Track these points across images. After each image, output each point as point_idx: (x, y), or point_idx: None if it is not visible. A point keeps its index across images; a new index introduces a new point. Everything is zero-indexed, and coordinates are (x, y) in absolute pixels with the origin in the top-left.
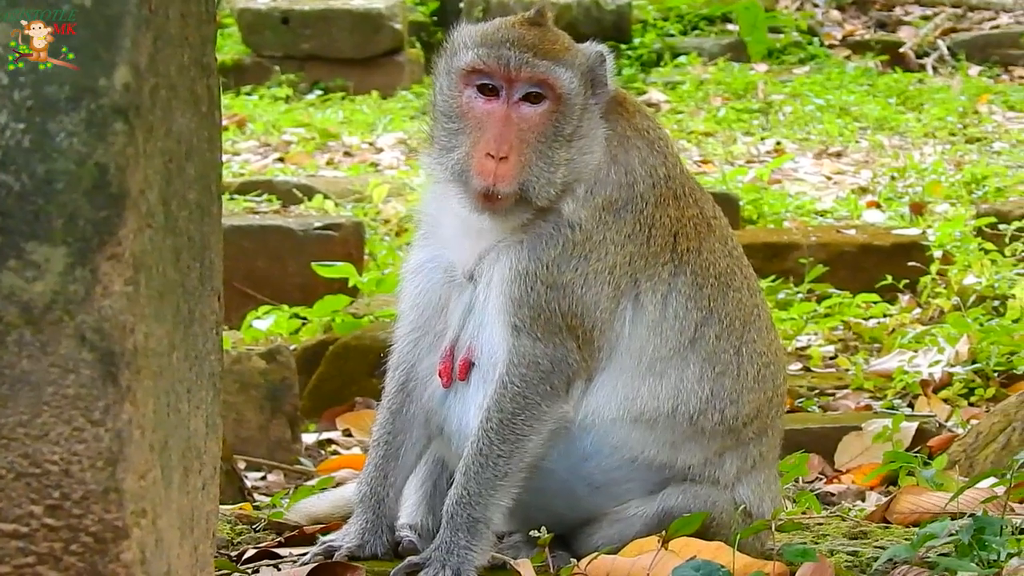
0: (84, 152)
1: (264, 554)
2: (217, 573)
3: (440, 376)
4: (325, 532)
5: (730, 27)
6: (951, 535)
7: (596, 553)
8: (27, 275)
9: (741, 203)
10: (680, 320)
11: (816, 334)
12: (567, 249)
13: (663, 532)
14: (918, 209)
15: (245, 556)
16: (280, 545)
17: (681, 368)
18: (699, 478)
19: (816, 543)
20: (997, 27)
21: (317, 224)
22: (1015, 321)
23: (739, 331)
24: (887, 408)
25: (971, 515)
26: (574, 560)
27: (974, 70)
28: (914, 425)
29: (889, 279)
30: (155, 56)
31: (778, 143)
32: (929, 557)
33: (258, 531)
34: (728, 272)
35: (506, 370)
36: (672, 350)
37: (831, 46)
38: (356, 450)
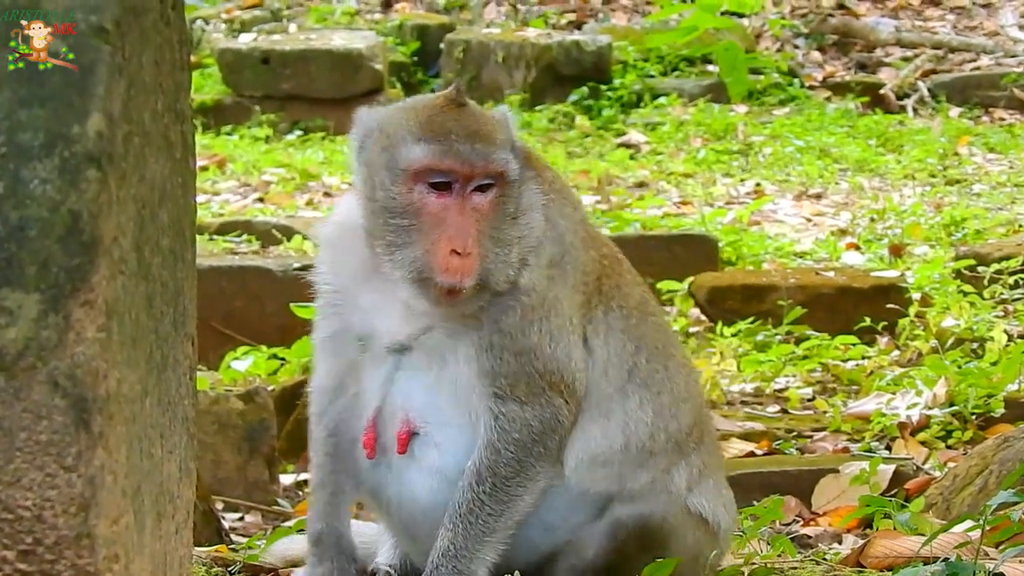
0: (57, 199)
1: None
2: None
3: (364, 447)
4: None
5: (710, 68)
6: None
7: None
8: (0, 321)
9: (720, 245)
10: (619, 356)
11: (794, 376)
12: (527, 315)
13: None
14: (897, 251)
15: None
16: None
17: (623, 402)
18: (649, 494)
19: None
20: (977, 69)
21: (296, 265)
22: (993, 364)
23: (662, 350)
24: (865, 451)
25: (944, 560)
26: None
27: (954, 111)
28: (891, 468)
29: (868, 321)
30: (128, 103)
31: (758, 184)
32: None
33: (234, 573)
34: (643, 300)
35: (496, 437)
36: (615, 387)
37: (811, 87)
38: None
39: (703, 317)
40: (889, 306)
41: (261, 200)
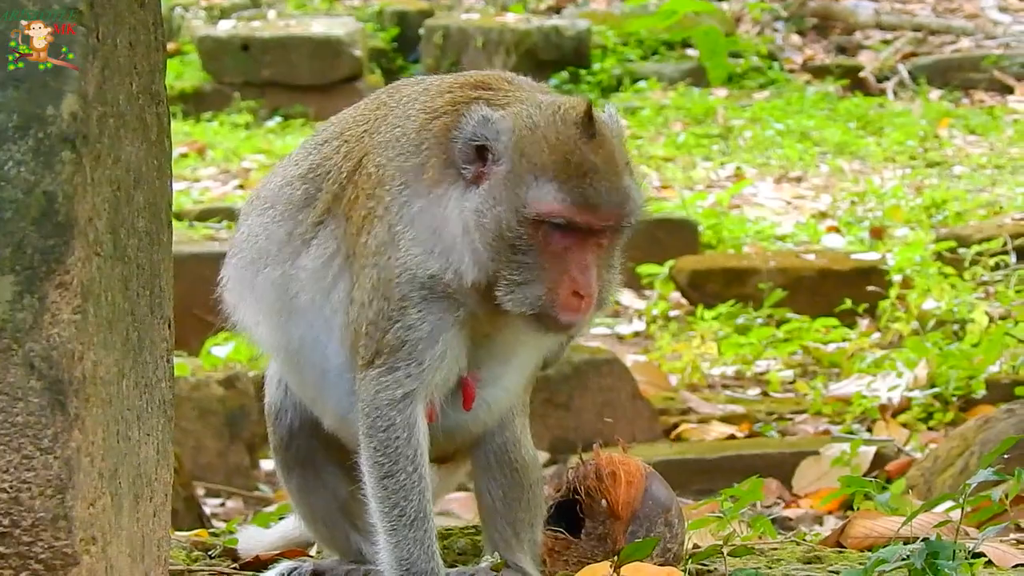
0: (32, 180)
1: None
2: None
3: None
4: (277, 559)
5: (690, 52)
6: (904, 560)
7: None
8: None
9: (701, 228)
10: None
11: (775, 359)
12: None
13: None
14: (878, 234)
15: None
16: (235, 571)
17: None
18: None
19: (770, 568)
20: (958, 51)
21: None
22: (974, 345)
23: None
24: (845, 433)
25: (924, 539)
26: None
27: (935, 94)
28: (872, 449)
29: (848, 304)
30: (103, 85)
31: (738, 168)
32: None
33: (213, 557)
34: None
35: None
36: None
37: (791, 71)
38: None
39: (684, 301)
40: (870, 288)
41: (241, 187)
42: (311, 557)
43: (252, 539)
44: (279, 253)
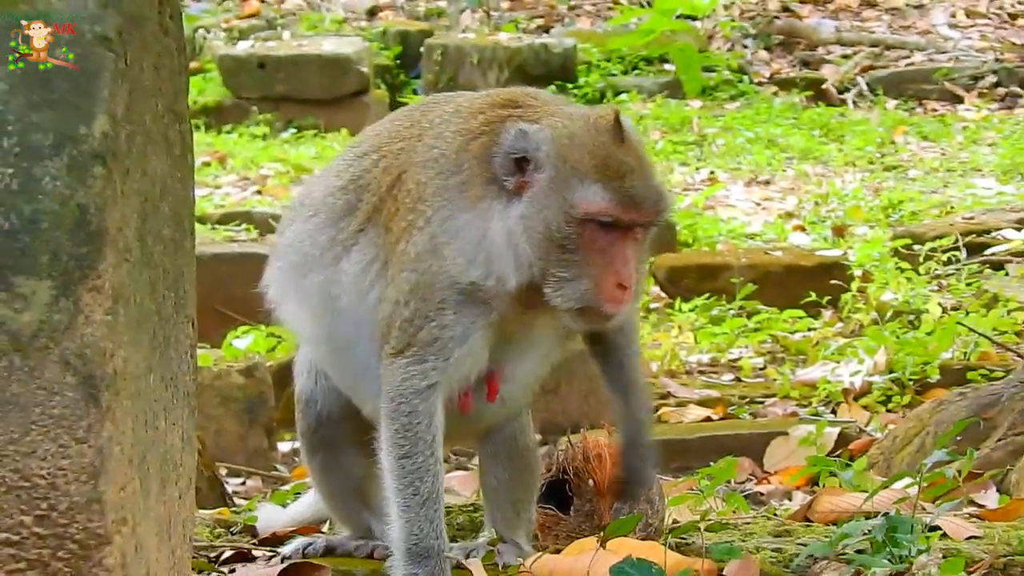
0: (66, 194)
1: (240, 555)
2: (196, 574)
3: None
4: (292, 536)
5: (667, 67)
6: (866, 533)
7: (540, 553)
8: (15, 306)
9: (678, 228)
10: None
11: (747, 347)
12: None
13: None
14: (840, 232)
15: (222, 557)
16: (255, 547)
17: None
18: None
19: (743, 541)
20: (911, 64)
21: None
22: (929, 334)
23: None
24: (812, 415)
25: (885, 514)
26: (520, 559)
27: (891, 104)
28: (836, 430)
29: (813, 296)
30: (131, 106)
31: (712, 172)
32: (845, 554)
33: (235, 534)
34: None
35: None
36: None
37: (760, 83)
38: None
39: (663, 294)
40: (833, 282)
41: (259, 192)
42: (323, 533)
43: (270, 517)
44: (322, 257)
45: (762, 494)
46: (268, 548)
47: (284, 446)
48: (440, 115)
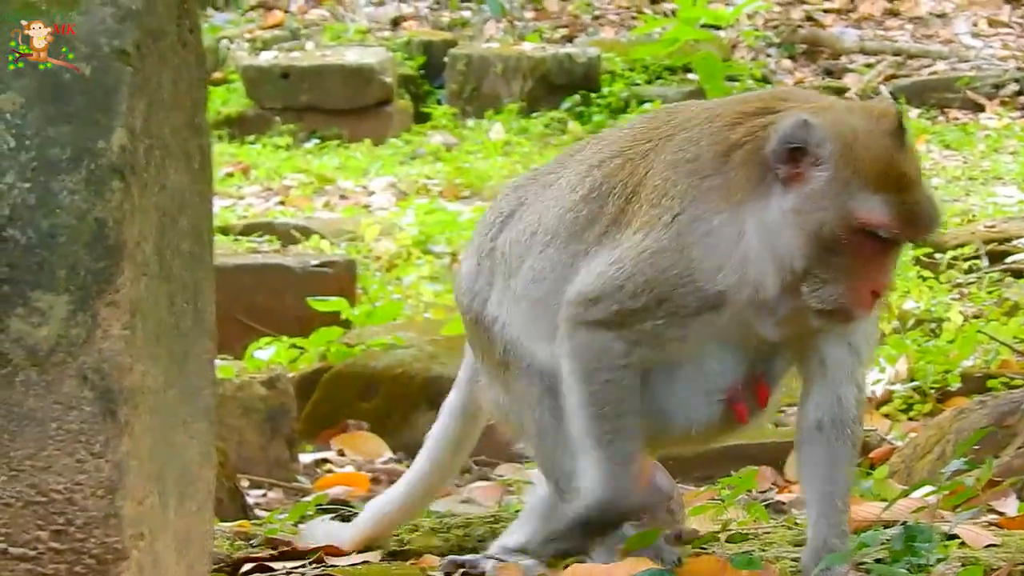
0: (84, 208)
1: (259, 567)
2: None
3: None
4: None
5: (690, 76)
6: (884, 542)
7: (571, 559)
8: (33, 321)
9: None
10: None
11: None
12: None
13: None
14: None
15: (242, 570)
16: (273, 559)
17: None
18: None
19: (763, 551)
20: (934, 73)
21: (313, 262)
22: (950, 342)
23: None
24: None
25: (904, 523)
26: (546, 570)
27: (914, 112)
28: None
29: None
30: (149, 119)
31: None
32: (864, 563)
33: (255, 546)
34: None
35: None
36: None
37: None
38: (349, 468)
39: None
40: None
41: (282, 203)
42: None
43: (332, 533)
44: (566, 281)
45: (783, 502)
46: (289, 561)
47: (306, 457)
48: (691, 117)
